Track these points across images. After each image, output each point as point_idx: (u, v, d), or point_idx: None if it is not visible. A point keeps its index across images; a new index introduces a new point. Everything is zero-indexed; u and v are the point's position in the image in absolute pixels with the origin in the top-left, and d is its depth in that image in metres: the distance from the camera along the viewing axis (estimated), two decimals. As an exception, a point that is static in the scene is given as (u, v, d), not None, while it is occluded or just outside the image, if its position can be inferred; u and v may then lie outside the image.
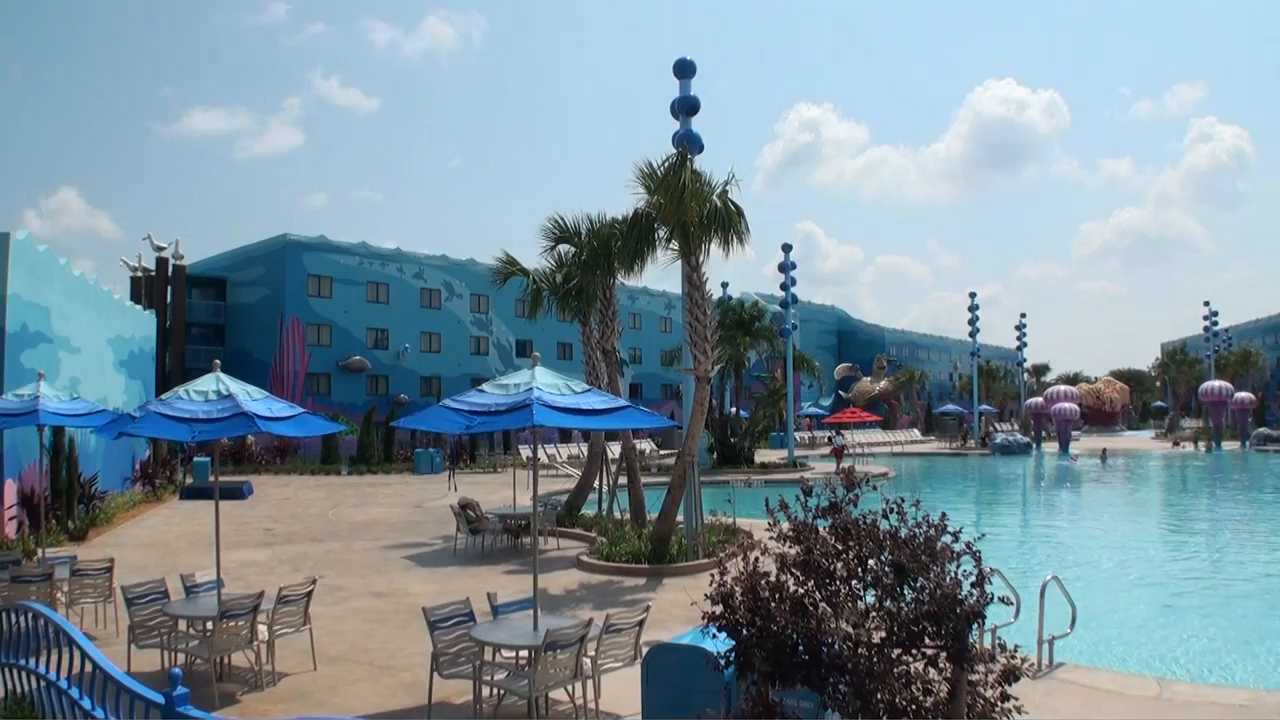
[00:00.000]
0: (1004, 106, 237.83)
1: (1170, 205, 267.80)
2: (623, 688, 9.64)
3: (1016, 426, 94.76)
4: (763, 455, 54.79)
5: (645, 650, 8.71)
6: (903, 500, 6.92)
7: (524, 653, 10.07)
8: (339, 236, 63.36)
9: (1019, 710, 6.44)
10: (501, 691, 9.93)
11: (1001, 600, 6.92)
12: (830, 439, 63.16)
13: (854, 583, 6.56)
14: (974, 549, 6.69)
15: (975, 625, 6.41)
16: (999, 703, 6.40)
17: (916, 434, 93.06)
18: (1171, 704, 10.43)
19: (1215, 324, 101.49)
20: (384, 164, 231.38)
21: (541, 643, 9.17)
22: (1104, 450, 63.75)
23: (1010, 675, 6.41)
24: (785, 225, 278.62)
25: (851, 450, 59.49)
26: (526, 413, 10.08)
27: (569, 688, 9.80)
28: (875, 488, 7.15)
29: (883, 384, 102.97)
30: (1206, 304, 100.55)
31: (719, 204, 19.77)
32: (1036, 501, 42.93)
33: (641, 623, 10.23)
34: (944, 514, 6.91)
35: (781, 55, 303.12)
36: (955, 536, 6.72)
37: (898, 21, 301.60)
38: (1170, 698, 10.65)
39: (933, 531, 6.68)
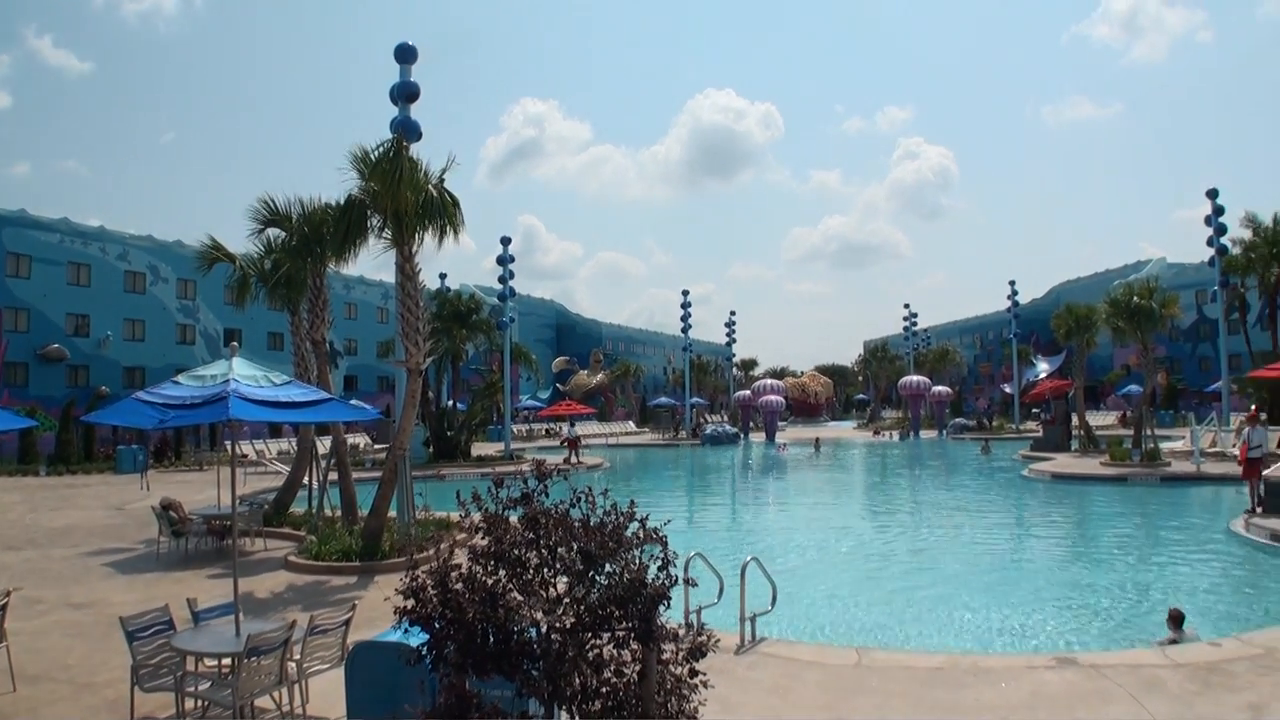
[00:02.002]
0: (723, 115, 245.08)
1: (876, 215, 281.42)
2: (332, 690, 9.21)
3: (726, 418, 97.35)
4: (480, 448, 54.31)
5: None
6: (590, 489, 6.97)
7: (226, 660, 9.55)
8: (42, 211, 58.69)
9: (705, 685, 6.69)
10: (206, 703, 9.36)
11: (687, 582, 7.01)
12: (564, 430, 63.12)
13: (546, 571, 6.57)
14: (660, 534, 6.79)
15: (667, 605, 6.49)
16: (688, 679, 6.64)
17: (631, 426, 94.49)
18: (869, 670, 10.85)
19: (915, 324, 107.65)
20: (94, 133, 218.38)
21: (243, 649, 8.73)
22: (817, 439, 66.21)
23: (697, 652, 6.63)
24: (507, 218, 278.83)
25: (587, 443, 59.97)
26: (222, 406, 9.55)
27: (275, 694, 9.36)
28: (565, 478, 7.10)
29: (599, 377, 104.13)
30: (907, 306, 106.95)
31: (435, 193, 19.32)
32: (745, 488, 44.38)
33: (348, 622, 9.92)
34: (633, 501, 7.03)
35: (509, 49, 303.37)
36: (643, 523, 6.83)
37: (623, 25, 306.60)
38: (868, 665, 11.08)
39: (621, 519, 6.78)
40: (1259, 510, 22.62)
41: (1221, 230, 51.18)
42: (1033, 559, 22.09)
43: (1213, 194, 51.37)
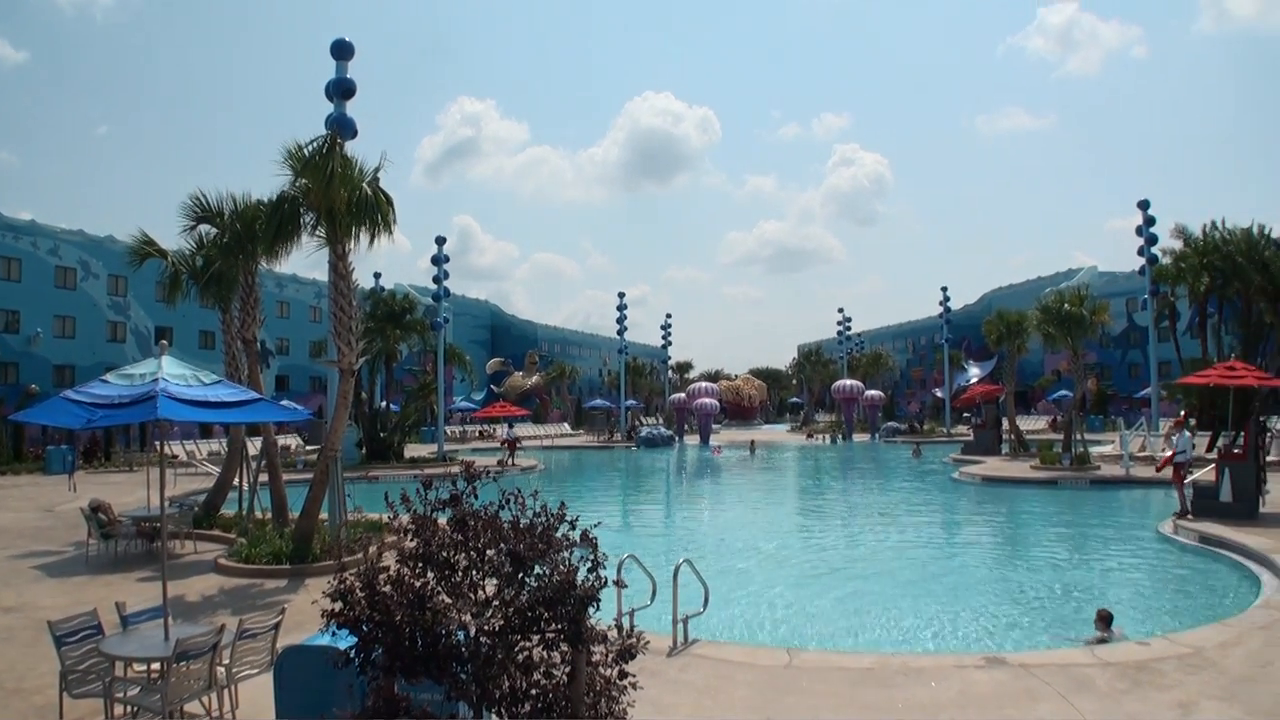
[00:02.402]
0: (661, 118, 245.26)
1: (811, 220, 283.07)
2: (262, 695, 9.09)
3: (661, 420, 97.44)
4: (413, 450, 53.81)
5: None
6: (520, 491, 6.98)
7: (156, 665, 9.36)
8: (-32, 202, 57.33)
9: (635, 686, 6.71)
10: (135, 708, 9.18)
11: (618, 584, 7.00)
12: (503, 431, 62.63)
13: (475, 573, 6.56)
14: (591, 536, 6.81)
15: (596, 607, 6.50)
16: (617, 680, 6.65)
17: (566, 428, 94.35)
18: (800, 671, 10.91)
19: (848, 328, 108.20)
20: (28, 124, 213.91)
21: (172, 654, 8.61)
22: (752, 442, 66.56)
23: (627, 654, 6.66)
24: (443, 218, 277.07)
25: (523, 444, 59.76)
26: (151, 405, 9.41)
27: (205, 699, 9.21)
28: (495, 479, 7.13)
29: (534, 379, 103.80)
30: (841, 310, 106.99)
31: (368, 191, 19.11)
32: (679, 490, 44.42)
33: (277, 626, 9.79)
34: (563, 503, 7.00)
35: (448, 47, 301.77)
36: (572, 525, 6.84)
37: (563, 25, 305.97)
38: (799, 665, 11.14)
39: (551, 521, 6.79)
40: (1189, 514, 22.93)
41: (1152, 240, 52.18)
42: (963, 560, 22.29)
43: (1144, 205, 52.38)
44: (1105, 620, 13.40)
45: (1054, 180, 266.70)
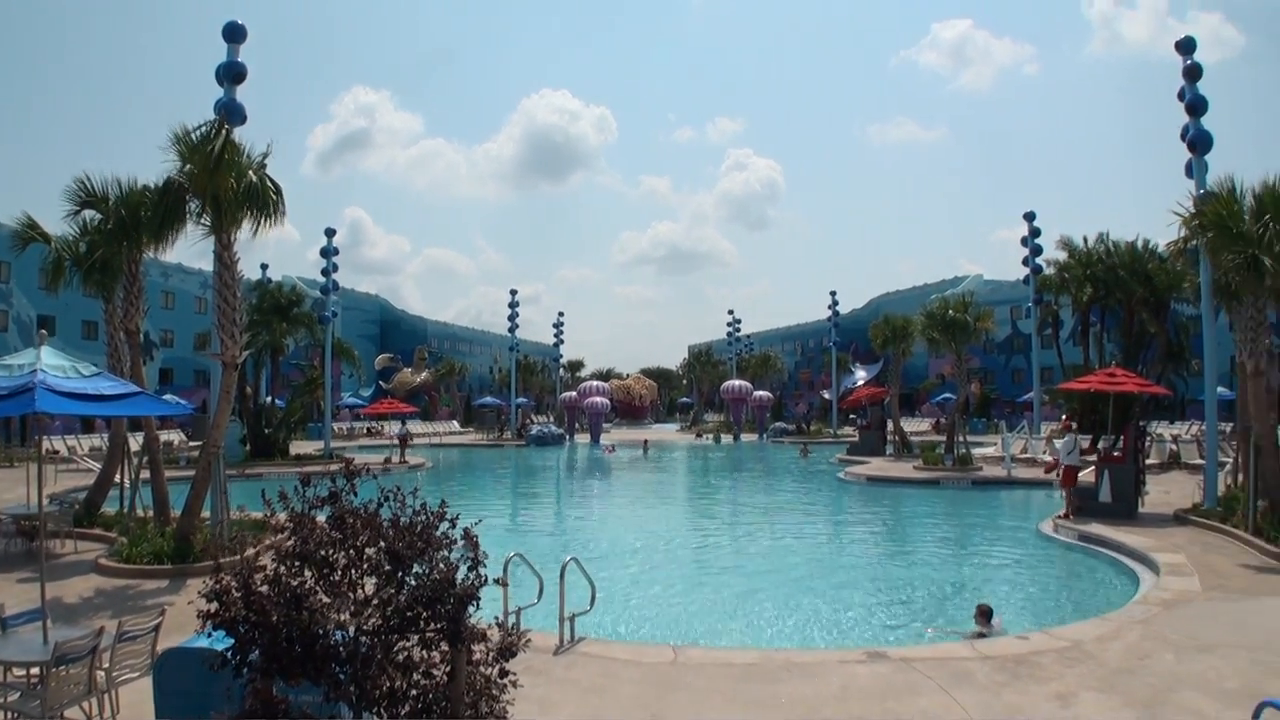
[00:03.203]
0: (558, 115, 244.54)
1: (704, 223, 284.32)
2: (142, 699, 8.87)
3: (552, 419, 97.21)
4: (299, 447, 52.79)
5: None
6: (399, 488, 6.96)
7: (35, 670, 9.09)
8: None
9: (515, 684, 6.75)
10: (15, 714, 8.91)
11: (499, 582, 6.98)
12: (394, 428, 61.76)
13: (353, 572, 6.51)
14: (472, 534, 6.82)
15: (476, 605, 6.52)
16: (498, 679, 6.68)
17: (456, 425, 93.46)
18: (686, 667, 10.98)
19: (738, 330, 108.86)
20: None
21: (51, 657, 8.37)
22: (645, 441, 66.66)
23: (506, 652, 6.68)
24: (334, 209, 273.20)
25: (413, 442, 59.17)
26: (29, 398, 9.15)
27: (85, 704, 8.97)
28: (375, 476, 7.13)
29: (424, 375, 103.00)
30: (731, 312, 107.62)
31: (255, 179, 18.74)
32: (569, 489, 44.33)
33: (158, 628, 9.59)
34: (443, 501, 7.03)
35: (344, 34, 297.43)
36: (452, 523, 6.85)
37: (461, 16, 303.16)
38: (685, 662, 11.21)
39: (431, 519, 6.77)
40: (1070, 515, 23.41)
41: (1037, 251, 53.38)
42: (848, 558, 22.61)
43: (1030, 217, 53.55)
44: (985, 615, 13.67)
45: (943, 190, 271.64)
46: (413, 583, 6.42)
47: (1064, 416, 26.29)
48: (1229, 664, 11.00)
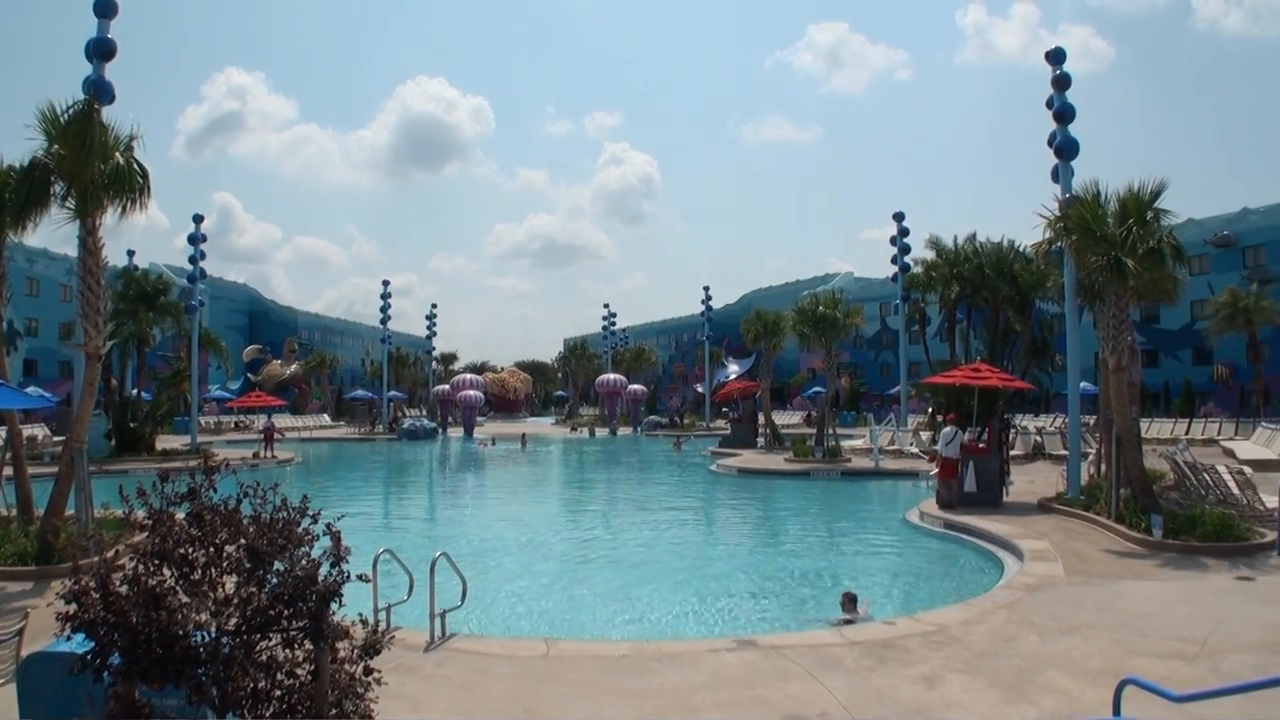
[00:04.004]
0: (434, 104, 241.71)
1: (580, 216, 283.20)
2: (6, 706, 8.59)
3: (424, 412, 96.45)
4: (166, 441, 51.22)
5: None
6: (259, 484, 6.85)
7: (-105, 678, 8.75)
8: None
9: (379, 683, 6.70)
10: None
11: (362, 578, 6.90)
12: (261, 421, 60.48)
13: (214, 571, 6.38)
14: (334, 529, 6.75)
15: (339, 603, 6.42)
16: (362, 677, 6.61)
17: (326, 419, 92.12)
18: (558, 660, 10.98)
19: (614, 323, 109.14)
20: None
21: (-89, 665, 8.03)
22: (524, 435, 66.14)
23: (371, 649, 6.62)
24: (203, 195, 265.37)
25: (282, 436, 58.13)
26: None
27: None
28: (234, 472, 7.05)
29: (293, 368, 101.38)
30: (607, 306, 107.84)
31: (123, 162, 18.22)
32: (442, 484, 44.07)
33: (21, 632, 9.27)
34: (305, 497, 6.92)
35: (215, 11, 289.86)
36: (314, 518, 6.76)
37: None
38: (557, 655, 11.20)
39: (293, 514, 6.69)
40: (949, 506, 23.77)
41: (906, 250, 54.80)
42: (719, 548, 22.83)
43: (899, 216, 54.88)
44: (851, 601, 13.96)
45: (815, 189, 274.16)
46: (274, 581, 6.32)
47: (947, 414, 26.80)
48: (1092, 644, 11.36)
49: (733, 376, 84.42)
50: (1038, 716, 8.98)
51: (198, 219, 52.36)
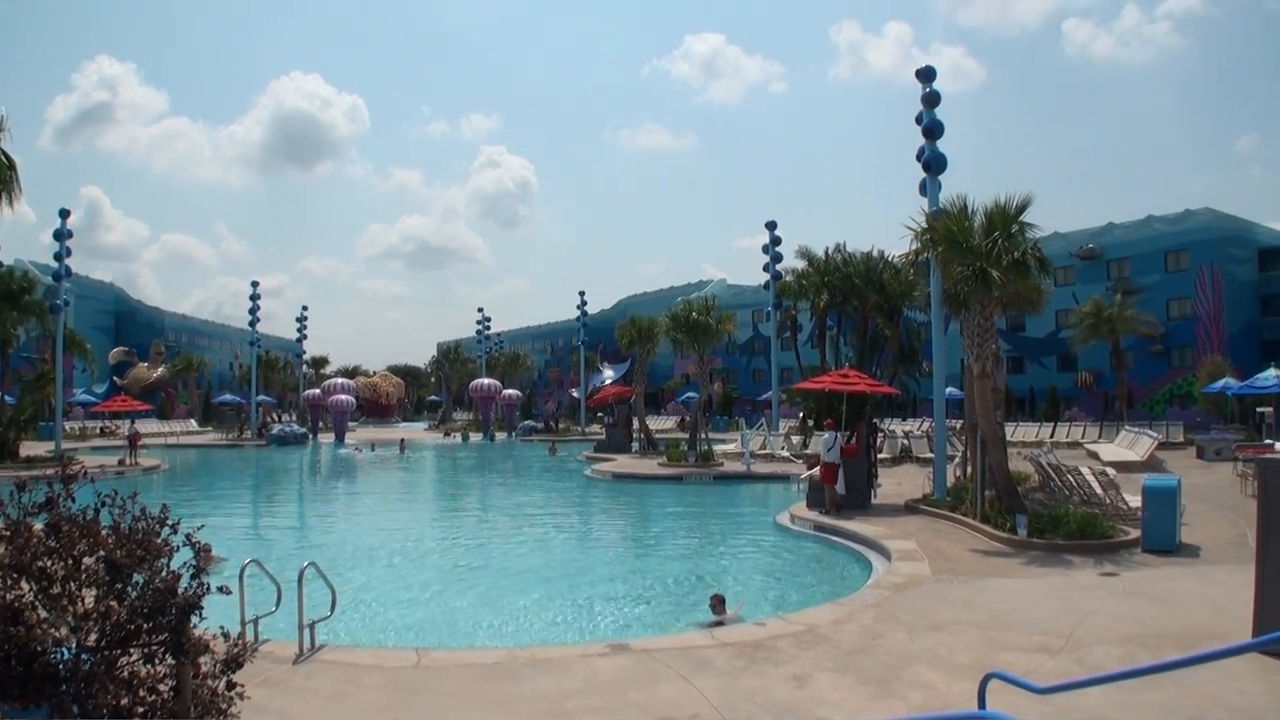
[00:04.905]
0: (308, 101, 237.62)
1: (455, 218, 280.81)
2: None
3: (295, 417, 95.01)
4: (31, 447, 49.26)
5: None
6: (116, 493, 6.71)
7: None
8: None
9: (242, 697, 6.62)
10: None
11: (221, 590, 6.86)
12: (125, 427, 58.85)
13: (72, 584, 6.21)
14: (195, 540, 6.66)
15: (200, 615, 6.37)
16: (225, 692, 6.53)
17: (194, 424, 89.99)
18: (430, 670, 10.88)
19: (488, 328, 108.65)
20: None
21: None
22: (402, 441, 65.43)
23: (233, 663, 6.54)
24: (71, 188, 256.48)
25: (147, 442, 56.72)
26: None
27: None
28: (92, 480, 6.90)
29: (160, 371, 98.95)
30: (481, 310, 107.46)
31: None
32: (312, 491, 43.43)
33: None
34: (165, 506, 6.81)
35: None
36: (174, 528, 6.65)
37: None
38: (428, 664, 11.10)
39: (153, 524, 6.56)
40: (829, 510, 23.85)
41: (778, 259, 55.71)
42: (594, 553, 22.98)
43: (771, 225, 55.69)
44: (720, 603, 14.14)
45: (690, 197, 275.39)
46: (133, 594, 6.20)
47: (827, 420, 27.21)
48: (959, 640, 11.68)
49: (608, 382, 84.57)
50: (905, 711, 9.19)
51: (64, 214, 50.59)
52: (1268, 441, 39.56)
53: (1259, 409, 50.03)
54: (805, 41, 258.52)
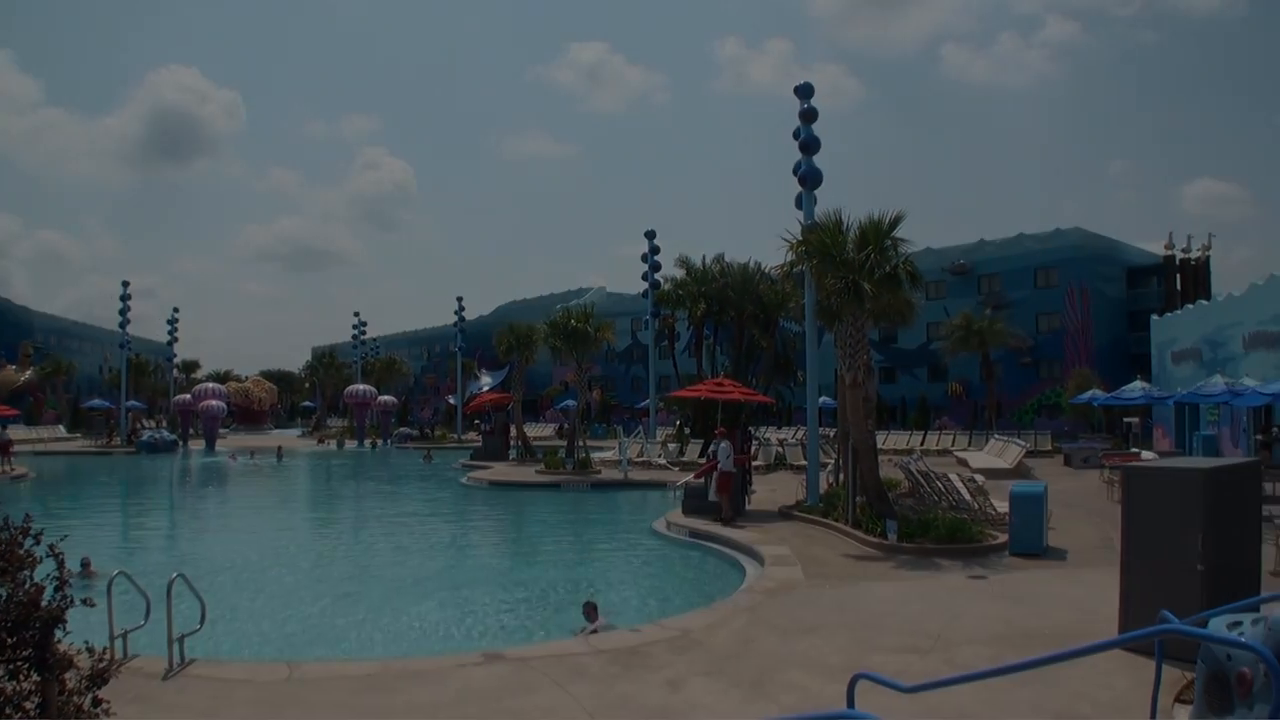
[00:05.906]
0: (185, 95, 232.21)
1: (333, 220, 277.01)
2: None
3: (165, 423, 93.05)
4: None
5: None
6: None
7: None
8: None
9: (108, 713, 6.48)
10: None
11: (85, 602, 6.78)
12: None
13: None
14: (58, 552, 6.54)
15: (64, 629, 6.27)
16: (90, 709, 6.39)
17: (62, 430, 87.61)
18: (301, 683, 10.75)
19: (364, 332, 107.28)
20: None
21: None
22: (279, 448, 64.29)
23: (98, 679, 6.42)
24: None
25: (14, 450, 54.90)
26: None
27: None
28: None
29: (28, 374, 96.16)
30: (357, 314, 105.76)
31: None
32: (182, 501, 42.31)
33: None
34: (28, 515, 6.70)
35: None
36: (37, 539, 6.54)
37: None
38: (300, 677, 10.95)
39: (15, 534, 6.43)
40: (726, 518, 23.86)
41: (656, 268, 55.85)
42: (470, 562, 22.93)
43: (650, 234, 55.86)
44: (593, 609, 14.26)
45: (571, 204, 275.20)
46: None
47: (717, 429, 27.47)
48: (830, 643, 11.95)
49: (485, 388, 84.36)
50: (777, 712, 9.36)
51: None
52: (1134, 450, 40.91)
53: (1126, 419, 51.88)
54: (688, 54, 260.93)
